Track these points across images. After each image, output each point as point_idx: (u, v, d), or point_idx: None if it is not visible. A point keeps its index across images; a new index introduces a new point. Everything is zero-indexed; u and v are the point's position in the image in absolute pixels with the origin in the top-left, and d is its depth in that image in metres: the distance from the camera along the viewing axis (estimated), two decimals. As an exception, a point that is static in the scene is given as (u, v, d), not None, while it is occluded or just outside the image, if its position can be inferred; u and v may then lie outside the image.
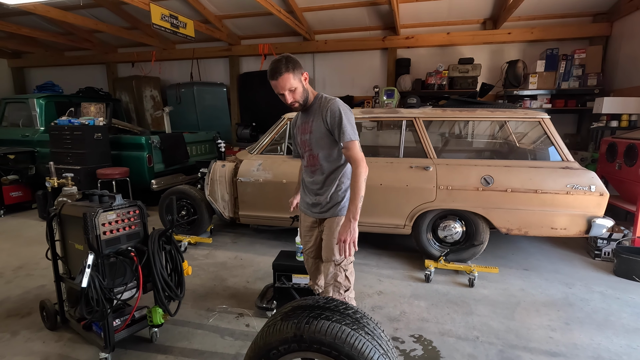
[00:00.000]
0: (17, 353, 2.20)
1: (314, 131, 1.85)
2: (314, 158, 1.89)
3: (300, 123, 1.97)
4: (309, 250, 2.12)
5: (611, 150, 3.97)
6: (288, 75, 1.70)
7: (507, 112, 3.31)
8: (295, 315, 1.29)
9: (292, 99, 1.77)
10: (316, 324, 1.22)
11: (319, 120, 1.82)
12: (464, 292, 2.96)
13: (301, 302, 1.41)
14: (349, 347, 1.19)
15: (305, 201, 2.04)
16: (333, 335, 1.19)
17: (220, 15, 6.29)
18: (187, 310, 2.66)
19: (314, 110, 1.86)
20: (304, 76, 1.78)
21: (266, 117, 6.56)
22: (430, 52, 6.21)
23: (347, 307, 1.38)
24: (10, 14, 6.30)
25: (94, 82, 8.09)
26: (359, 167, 1.72)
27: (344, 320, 1.27)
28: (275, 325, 1.28)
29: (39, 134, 5.52)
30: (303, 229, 2.12)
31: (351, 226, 1.68)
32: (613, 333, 2.41)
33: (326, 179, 1.89)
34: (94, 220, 1.97)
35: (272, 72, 1.72)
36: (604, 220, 3.01)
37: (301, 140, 1.95)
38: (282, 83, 1.72)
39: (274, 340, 1.26)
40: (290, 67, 1.70)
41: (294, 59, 1.74)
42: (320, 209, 1.93)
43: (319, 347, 1.21)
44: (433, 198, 3.27)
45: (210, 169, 3.89)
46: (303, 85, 1.78)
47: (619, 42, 4.98)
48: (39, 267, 3.39)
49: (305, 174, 2.00)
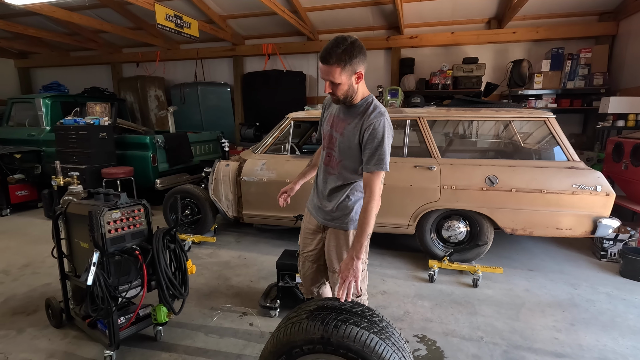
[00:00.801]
0: (23, 350, 2.21)
1: (345, 136, 1.63)
2: (334, 161, 1.70)
3: (335, 113, 1.71)
4: (307, 254, 1.94)
5: (617, 150, 3.94)
6: (335, 68, 1.47)
7: (512, 112, 3.29)
8: (322, 316, 1.27)
9: (331, 90, 1.56)
10: (345, 329, 1.21)
11: (357, 129, 1.59)
12: (468, 293, 2.94)
13: (326, 302, 1.39)
14: (377, 356, 1.18)
15: (313, 202, 1.89)
16: (362, 343, 1.19)
17: (224, 15, 6.31)
18: (191, 309, 2.67)
19: (357, 113, 1.61)
20: (357, 74, 1.52)
21: (270, 117, 6.58)
22: (434, 52, 6.19)
23: (373, 314, 1.37)
24: (16, 15, 6.36)
25: (99, 82, 8.15)
26: (373, 201, 1.53)
27: (372, 328, 1.26)
28: (301, 323, 1.26)
29: (44, 133, 5.57)
30: (305, 229, 1.95)
31: (354, 265, 1.49)
32: (619, 334, 2.39)
33: (340, 186, 1.71)
34: (99, 219, 1.98)
35: (323, 53, 1.48)
36: (610, 220, 2.99)
37: (328, 133, 1.73)
38: (326, 72, 1.50)
39: (299, 339, 1.24)
40: (342, 61, 1.46)
41: (355, 51, 1.46)
42: (325, 215, 1.78)
43: (345, 352, 1.20)
44: (437, 198, 3.26)
45: (214, 168, 3.90)
46: (351, 84, 1.53)
47: (625, 41, 4.93)
48: (44, 265, 3.42)
49: (320, 171, 1.82)
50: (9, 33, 7.19)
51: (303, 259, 1.97)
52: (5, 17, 6.43)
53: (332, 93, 1.58)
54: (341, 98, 1.58)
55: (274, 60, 7.01)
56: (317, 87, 7.00)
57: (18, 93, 8.97)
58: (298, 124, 3.83)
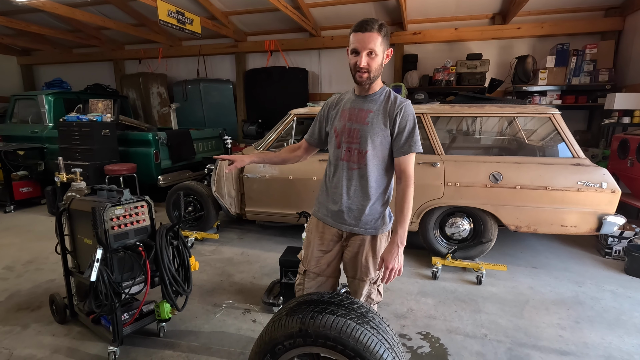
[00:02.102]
0: (27, 346, 2.22)
1: (371, 124, 1.55)
2: (359, 155, 1.57)
3: (350, 107, 1.61)
4: (321, 268, 1.71)
5: (623, 147, 3.91)
6: (377, 36, 1.43)
7: (516, 108, 3.26)
8: (300, 310, 1.29)
9: (366, 64, 1.46)
10: (321, 319, 1.22)
11: (384, 116, 1.54)
12: (471, 290, 2.93)
13: (306, 297, 1.41)
14: (354, 341, 1.18)
15: (327, 207, 1.68)
16: (338, 330, 1.19)
17: (226, 11, 6.29)
18: (194, 306, 2.67)
19: (377, 101, 1.57)
20: (389, 51, 1.53)
21: (272, 114, 6.57)
22: (437, 48, 6.14)
23: (352, 302, 1.37)
24: (19, 12, 6.36)
25: (102, 79, 8.16)
26: (411, 186, 1.54)
27: (349, 315, 1.27)
28: (281, 320, 1.29)
29: (47, 130, 5.58)
30: (317, 246, 1.71)
31: (399, 252, 1.51)
32: (625, 332, 2.38)
33: (369, 185, 1.59)
34: (102, 215, 1.98)
35: (361, 23, 1.44)
36: (616, 218, 2.96)
37: (345, 127, 1.59)
38: (367, 39, 1.43)
39: (279, 336, 1.26)
40: (383, 31, 1.45)
41: (388, 29, 1.49)
42: (352, 220, 1.62)
43: (324, 341, 1.20)
44: (441, 195, 3.25)
45: (216, 165, 3.90)
46: (382, 60, 1.51)
47: (631, 36, 4.88)
48: (48, 262, 3.43)
49: (336, 171, 1.64)
50: (12, 30, 7.20)
51: (314, 275, 1.72)
52: (8, 14, 6.43)
53: (365, 69, 1.48)
54: (372, 74, 1.50)
55: (277, 57, 6.99)
56: (320, 83, 6.98)
57: (21, 90, 8.99)
58: (301, 120, 3.82)
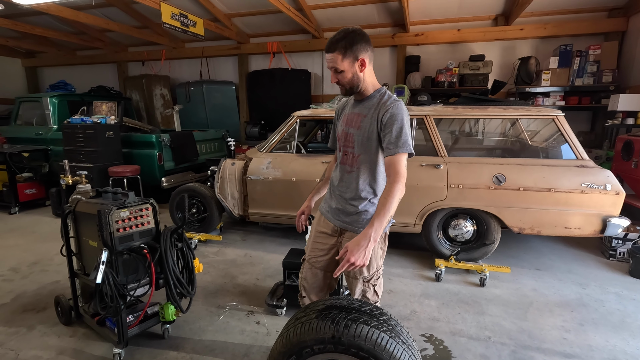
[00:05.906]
0: (33, 347, 2.24)
1: (363, 129, 1.59)
2: (353, 158, 1.64)
3: (348, 112, 1.69)
4: (316, 260, 1.81)
5: (627, 148, 3.89)
6: (337, 55, 1.50)
7: (520, 110, 3.25)
8: (331, 315, 1.27)
9: (337, 80, 1.57)
10: (355, 328, 1.21)
11: (374, 118, 1.56)
12: (475, 292, 2.93)
13: (335, 301, 1.39)
14: (388, 355, 1.18)
15: (329, 204, 1.78)
16: (373, 342, 1.19)
17: (229, 13, 6.31)
18: (198, 307, 2.68)
19: (371, 105, 1.59)
20: (360, 61, 1.52)
21: (275, 115, 6.58)
22: (440, 49, 6.14)
23: (381, 313, 1.36)
24: (24, 14, 6.41)
25: (105, 80, 8.20)
26: (399, 182, 1.43)
27: (382, 327, 1.26)
28: (311, 323, 1.26)
29: (52, 132, 5.61)
30: (316, 233, 1.82)
31: (367, 247, 1.33)
32: (629, 335, 2.37)
33: (360, 188, 1.63)
34: (107, 218, 1.99)
35: (327, 44, 1.53)
36: (620, 219, 2.95)
37: (343, 132, 1.68)
38: (330, 60, 1.53)
39: (309, 339, 1.24)
40: (343, 48, 1.49)
41: (357, 38, 1.49)
42: (344, 218, 1.68)
43: (357, 351, 1.20)
44: (444, 196, 3.24)
45: (220, 167, 3.91)
46: (355, 72, 1.53)
47: (635, 37, 4.86)
48: (53, 263, 3.45)
49: (337, 173, 1.74)
50: (17, 33, 7.25)
51: (309, 265, 1.83)
52: (12, 17, 6.47)
53: (338, 83, 1.57)
54: (347, 87, 1.58)
55: (279, 59, 7.00)
56: (322, 85, 6.99)
57: (25, 92, 9.06)
58: (304, 122, 3.82)
